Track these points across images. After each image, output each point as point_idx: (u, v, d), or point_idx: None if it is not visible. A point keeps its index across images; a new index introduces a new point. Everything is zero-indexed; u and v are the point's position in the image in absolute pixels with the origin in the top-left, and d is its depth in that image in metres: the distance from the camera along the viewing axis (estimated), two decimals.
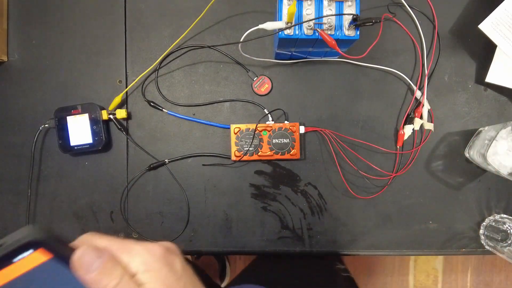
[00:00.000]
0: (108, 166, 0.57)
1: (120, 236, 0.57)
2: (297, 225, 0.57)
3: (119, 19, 0.56)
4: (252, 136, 0.54)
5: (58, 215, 0.57)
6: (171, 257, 0.29)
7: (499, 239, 0.54)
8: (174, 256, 0.29)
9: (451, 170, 0.57)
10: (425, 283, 1.33)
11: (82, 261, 0.23)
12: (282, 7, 0.43)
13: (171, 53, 0.56)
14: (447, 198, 0.57)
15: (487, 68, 0.55)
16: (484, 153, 0.50)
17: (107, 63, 0.57)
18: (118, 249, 0.26)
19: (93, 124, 0.54)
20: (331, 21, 0.43)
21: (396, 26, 0.56)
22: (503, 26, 0.52)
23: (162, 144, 0.57)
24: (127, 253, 0.26)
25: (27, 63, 0.57)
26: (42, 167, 0.57)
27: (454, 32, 0.57)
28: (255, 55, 0.54)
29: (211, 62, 0.57)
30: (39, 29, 0.57)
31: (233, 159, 0.55)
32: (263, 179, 0.57)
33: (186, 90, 0.57)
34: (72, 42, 0.57)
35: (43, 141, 0.57)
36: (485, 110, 0.57)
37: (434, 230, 0.57)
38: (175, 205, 0.57)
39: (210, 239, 0.57)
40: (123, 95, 0.55)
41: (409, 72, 0.57)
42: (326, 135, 0.56)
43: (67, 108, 0.54)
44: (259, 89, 0.56)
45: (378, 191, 0.56)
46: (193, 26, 0.52)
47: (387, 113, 0.57)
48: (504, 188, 0.57)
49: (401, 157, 0.57)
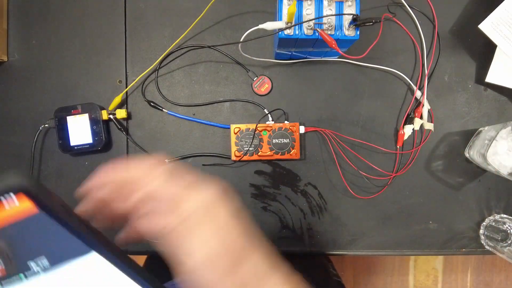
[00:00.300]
0: None
1: None
2: (297, 225, 0.57)
3: (119, 19, 0.56)
4: (252, 136, 0.54)
5: None
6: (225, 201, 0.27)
7: (499, 239, 0.54)
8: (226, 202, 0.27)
9: (451, 170, 0.57)
10: (425, 283, 1.33)
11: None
12: (282, 7, 0.43)
13: (171, 53, 0.56)
14: (447, 198, 0.57)
15: (487, 68, 0.55)
16: (484, 153, 0.50)
17: (107, 63, 0.57)
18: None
19: (93, 124, 0.54)
20: (331, 21, 0.43)
21: (396, 26, 0.56)
22: (503, 26, 0.52)
23: (162, 144, 0.57)
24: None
25: (27, 63, 0.57)
26: (42, 167, 0.57)
27: (454, 32, 0.57)
28: (255, 55, 0.54)
29: (211, 62, 0.57)
30: (39, 29, 0.57)
31: (233, 159, 0.55)
32: (263, 179, 0.57)
33: (186, 90, 0.57)
34: (72, 42, 0.57)
35: (43, 141, 0.57)
36: (485, 110, 0.57)
37: (434, 230, 0.57)
38: None
39: None
40: (123, 95, 0.55)
41: (409, 72, 0.57)
42: (326, 135, 0.56)
43: (67, 108, 0.54)
44: (259, 89, 0.56)
45: (378, 191, 0.56)
46: (193, 26, 0.52)
47: (387, 113, 0.57)
48: (504, 188, 0.57)
49: (401, 157, 0.57)
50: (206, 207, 0.25)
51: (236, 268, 0.25)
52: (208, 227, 0.25)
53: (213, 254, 0.24)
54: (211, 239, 0.25)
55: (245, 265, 0.25)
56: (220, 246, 0.25)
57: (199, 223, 0.25)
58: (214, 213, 0.25)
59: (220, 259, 0.24)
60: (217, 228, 0.25)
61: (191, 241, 0.24)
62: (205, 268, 0.24)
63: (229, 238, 0.25)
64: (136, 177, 0.26)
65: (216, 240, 0.25)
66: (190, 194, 0.25)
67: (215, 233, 0.25)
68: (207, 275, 0.24)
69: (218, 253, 0.24)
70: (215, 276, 0.24)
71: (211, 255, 0.24)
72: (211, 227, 0.25)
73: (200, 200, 0.25)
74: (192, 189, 0.26)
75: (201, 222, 0.25)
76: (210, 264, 0.24)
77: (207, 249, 0.24)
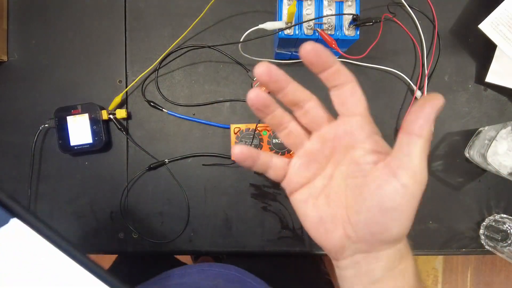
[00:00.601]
0: (108, 166, 0.57)
1: (120, 236, 0.57)
2: (297, 225, 0.57)
3: (119, 19, 0.57)
4: (252, 136, 0.54)
5: (58, 215, 0.57)
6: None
7: (499, 239, 0.54)
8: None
9: (451, 170, 0.57)
10: (425, 283, 1.33)
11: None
12: (282, 7, 0.43)
13: (171, 53, 0.56)
14: (447, 198, 0.57)
15: (487, 68, 0.55)
16: (484, 153, 0.50)
17: (107, 63, 0.57)
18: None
19: (93, 124, 0.54)
20: (331, 21, 0.43)
21: (396, 26, 0.56)
22: (503, 26, 0.52)
23: (162, 144, 0.57)
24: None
25: (27, 63, 0.57)
26: (42, 167, 0.57)
27: (454, 32, 0.57)
28: (255, 55, 0.54)
29: (211, 62, 0.57)
30: (39, 29, 0.57)
31: (233, 159, 0.55)
32: (263, 179, 0.57)
33: (186, 90, 0.57)
34: (72, 42, 0.57)
35: (43, 141, 0.57)
36: (485, 110, 0.57)
37: (434, 230, 0.57)
38: (175, 205, 0.57)
39: (210, 239, 0.57)
40: (123, 95, 0.55)
41: (409, 72, 0.57)
42: None
43: (67, 108, 0.54)
44: None
45: None
46: (193, 26, 0.52)
47: (387, 113, 0.57)
48: (504, 188, 0.57)
49: None
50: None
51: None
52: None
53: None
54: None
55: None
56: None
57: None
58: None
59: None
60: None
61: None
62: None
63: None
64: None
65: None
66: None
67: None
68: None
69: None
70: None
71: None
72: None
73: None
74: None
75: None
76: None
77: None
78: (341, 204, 0.26)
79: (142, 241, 0.57)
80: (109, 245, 0.57)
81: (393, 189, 0.23)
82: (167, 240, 0.56)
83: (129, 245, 0.57)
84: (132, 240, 0.57)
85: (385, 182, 0.23)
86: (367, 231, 0.24)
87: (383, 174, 0.23)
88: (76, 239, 0.57)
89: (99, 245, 0.57)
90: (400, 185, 0.23)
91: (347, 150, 0.26)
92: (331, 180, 0.27)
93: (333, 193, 0.26)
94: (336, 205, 0.26)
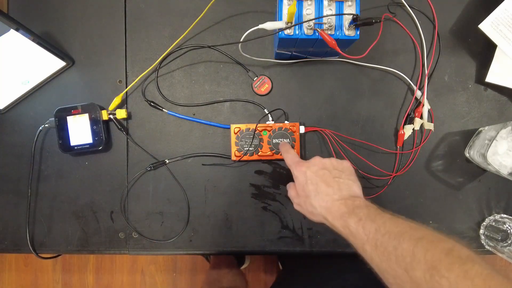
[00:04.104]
0: (108, 166, 0.57)
1: (120, 236, 0.57)
2: (297, 225, 0.57)
3: (119, 19, 0.57)
4: (252, 136, 0.54)
5: (58, 215, 0.57)
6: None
7: (499, 239, 0.54)
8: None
9: (451, 170, 0.57)
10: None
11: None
12: (282, 7, 0.43)
13: (171, 53, 0.56)
14: (447, 198, 0.57)
15: (487, 68, 0.55)
16: (484, 153, 0.50)
17: (107, 63, 0.57)
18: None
19: (93, 124, 0.54)
20: (331, 21, 0.43)
21: (396, 26, 0.56)
22: (503, 26, 0.52)
23: (162, 144, 0.57)
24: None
25: None
26: (42, 167, 0.57)
27: (454, 32, 0.57)
28: (255, 55, 0.54)
29: (211, 62, 0.57)
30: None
31: (233, 159, 0.55)
32: (263, 179, 0.57)
33: (186, 90, 0.57)
34: (72, 42, 0.57)
35: (43, 141, 0.57)
36: (485, 110, 0.57)
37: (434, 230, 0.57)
38: (175, 205, 0.57)
39: (210, 239, 0.57)
40: (123, 95, 0.55)
41: (409, 72, 0.57)
42: (326, 135, 0.56)
43: (67, 108, 0.54)
44: (259, 89, 0.56)
45: (378, 191, 0.56)
46: (193, 26, 0.52)
47: (387, 113, 0.57)
48: (504, 188, 0.57)
49: (401, 157, 0.57)
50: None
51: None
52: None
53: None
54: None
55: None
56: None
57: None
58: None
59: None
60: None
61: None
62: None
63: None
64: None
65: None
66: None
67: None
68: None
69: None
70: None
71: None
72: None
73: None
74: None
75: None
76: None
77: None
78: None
79: (142, 241, 0.57)
80: (109, 245, 0.57)
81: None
82: (167, 240, 0.56)
83: (129, 245, 0.57)
84: (132, 240, 0.57)
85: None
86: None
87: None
88: (76, 239, 0.57)
89: (99, 245, 0.57)
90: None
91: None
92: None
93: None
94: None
